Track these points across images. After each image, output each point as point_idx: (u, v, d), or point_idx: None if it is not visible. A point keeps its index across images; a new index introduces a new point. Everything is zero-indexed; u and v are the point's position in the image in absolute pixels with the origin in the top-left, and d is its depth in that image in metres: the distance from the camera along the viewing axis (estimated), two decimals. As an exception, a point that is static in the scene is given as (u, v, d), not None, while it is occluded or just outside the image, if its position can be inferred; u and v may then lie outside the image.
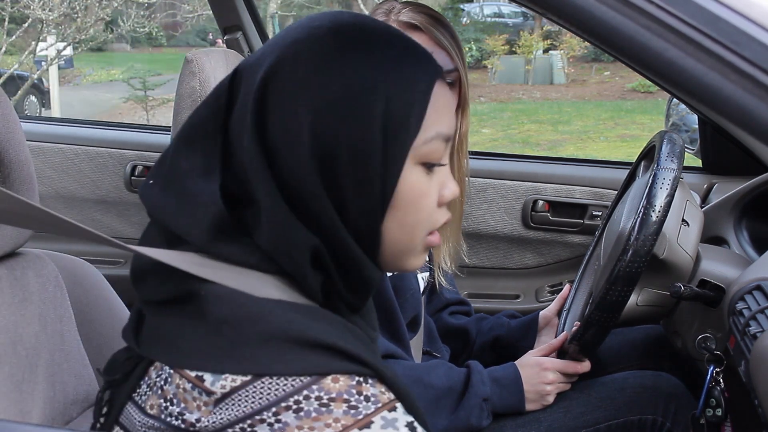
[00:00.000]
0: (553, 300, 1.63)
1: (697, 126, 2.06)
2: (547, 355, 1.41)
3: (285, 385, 0.68)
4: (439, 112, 0.77)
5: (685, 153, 1.32)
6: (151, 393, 0.75)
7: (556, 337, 1.49)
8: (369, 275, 0.79)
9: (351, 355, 0.71)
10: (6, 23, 7.87)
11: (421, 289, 1.48)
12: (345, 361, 0.71)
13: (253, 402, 0.68)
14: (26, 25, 8.12)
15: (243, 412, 0.69)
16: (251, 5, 2.19)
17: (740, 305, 1.14)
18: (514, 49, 13.80)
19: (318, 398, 0.68)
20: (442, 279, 1.58)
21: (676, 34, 0.73)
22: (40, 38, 8.06)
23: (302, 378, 0.69)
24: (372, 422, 0.69)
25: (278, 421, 0.68)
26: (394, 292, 1.35)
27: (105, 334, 1.20)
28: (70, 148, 2.25)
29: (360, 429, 0.68)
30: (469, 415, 1.31)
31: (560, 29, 11.85)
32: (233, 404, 0.69)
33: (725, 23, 0.72)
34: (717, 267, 1.32)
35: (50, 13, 7.50)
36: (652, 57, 0.75)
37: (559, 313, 1.58)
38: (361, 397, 0.70)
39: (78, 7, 7.81)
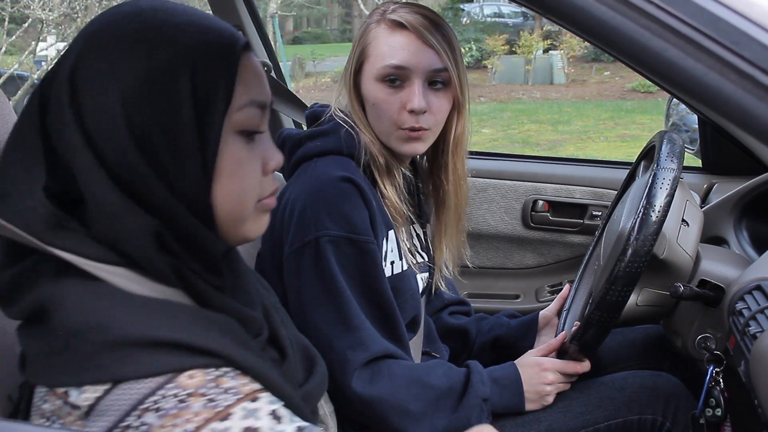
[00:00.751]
0: (553, 300, 1.63)
1: (697, 126, 2.06)
2: (546, 355, 1.41)
3: (141, 388, 0.69)
4: (249, 81, 0.80)
5: (685, 153, 1.32)
6: (35, 414, 0.76)
7: (556, 337, 1.49)
8: (211, 248, 0.80)
9: (200, 348, 0.72)
10: (6, 23, 7.87)
11: (421, 290, 1.48)
12: (195, 356, 0.71)
13: (117, 409, 0.69)
14: (26, 25, 8.11)
15: (110, 421, 0.69)
16: (251, 5, 2.18)
17: (740, 305, 1.14)
18: (514, 49, 13.80)
19: (175, 395, 0.69)
20: (442, 280, 1.58)
21: (676, 34, 0.73)
22: (40, 38, 8.05)
23: (156, 378, 0.70)
24: (231, 414, 0.70)
25: (143, 423, 0.69)
26: (394, 293, 1.35)
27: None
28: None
29: (221, 420, 0.69)
30: (469, 415, 1.31)
31: (560, 29, 11.85)
32: (101, 415, 0.70)
33: (725, 23, 0.72)
34: (717, 267, 1.32)
35: (50, 13, 7.49)
36: (652, 57, 0.75)
37: (559, 313, 1.58)
38: (220, 389, 0.71)
39: (78, 7, 7.81)
